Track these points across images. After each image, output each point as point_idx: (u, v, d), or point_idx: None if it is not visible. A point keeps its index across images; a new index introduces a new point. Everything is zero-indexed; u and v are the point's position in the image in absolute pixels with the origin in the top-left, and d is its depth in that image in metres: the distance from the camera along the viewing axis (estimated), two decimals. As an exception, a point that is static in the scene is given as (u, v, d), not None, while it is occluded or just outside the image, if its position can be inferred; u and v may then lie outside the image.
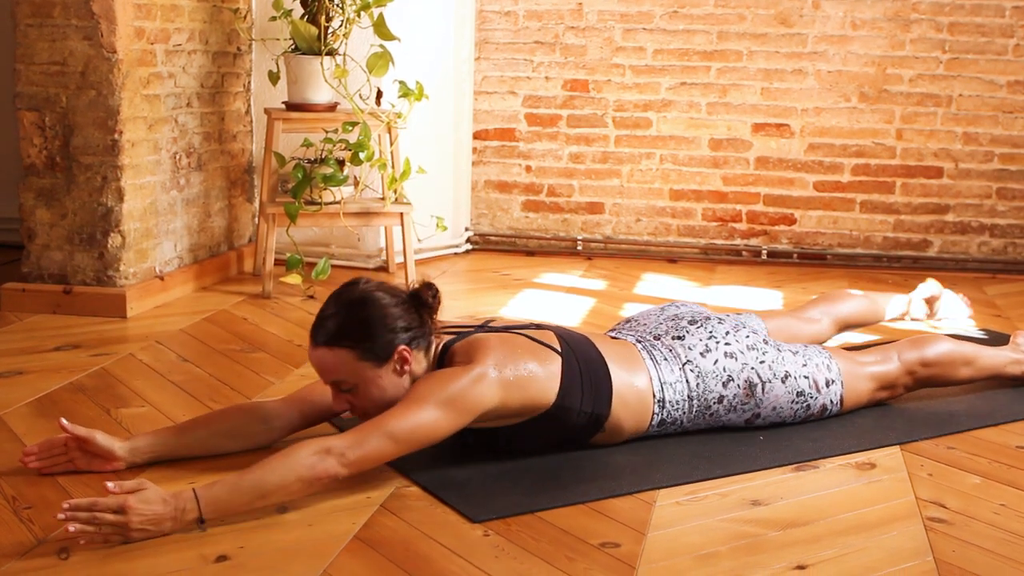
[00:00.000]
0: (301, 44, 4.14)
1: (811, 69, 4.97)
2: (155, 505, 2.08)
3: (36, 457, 2.39)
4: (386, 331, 2.36)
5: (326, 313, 2.39)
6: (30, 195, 3.75)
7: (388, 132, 4.28)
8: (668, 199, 5.14)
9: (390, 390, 2.38)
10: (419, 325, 2.42)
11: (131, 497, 2.06)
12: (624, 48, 5.06)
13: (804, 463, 2.57)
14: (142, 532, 2.07)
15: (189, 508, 2.11)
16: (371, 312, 2.37)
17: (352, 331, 2.35)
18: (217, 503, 2.13)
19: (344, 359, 2.34)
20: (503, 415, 2.40)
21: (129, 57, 3.69)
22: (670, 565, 2.05)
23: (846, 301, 3.37)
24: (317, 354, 2.37)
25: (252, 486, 2.15)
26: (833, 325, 3.24)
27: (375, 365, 2.36)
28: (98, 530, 2.04)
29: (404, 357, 2.38)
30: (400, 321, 2.38)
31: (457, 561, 2.05)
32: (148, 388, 3.00)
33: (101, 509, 2.04)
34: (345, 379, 2.36)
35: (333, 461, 2.20)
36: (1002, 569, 2.07)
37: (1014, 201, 4.95)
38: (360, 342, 2.34)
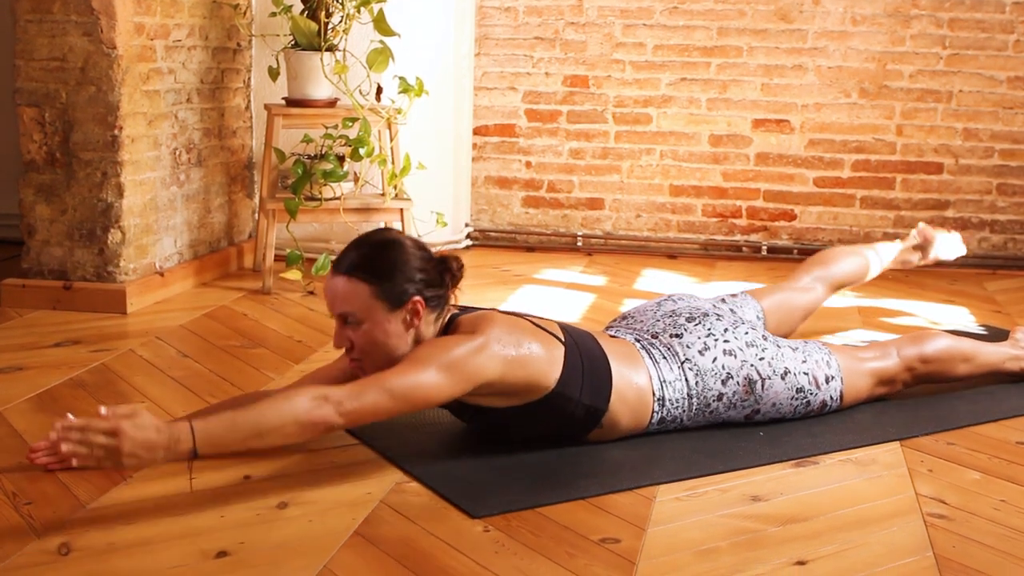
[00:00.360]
0: (301, 40, 4.14)
1: (811, 65, 4.96)
2: (148, 432, 2.06)
3: (44, 453, 2.38)
4: (406, 277, 2.38)
5: (353, 245, 2.43)
6: (30, 191, 3.75)
7: (388, 128, 4.28)
8: (668, 195, 5.14)
9: (393, 339, 2.38)
10: (438, 286, 2.44)
11: (124, 422, 2.04)
12: (624, 44, 5.05)
13: (804, 459, 2.57)
14: (133, 458, 2.05)
15: (184, 439, 2.10)
16: (397, 255, 2.40)
17: (374, 267, 2.37)
18: (212, 437, 2.13)
19: (360, 292, 2.36)
20: (502, 391, 2.40)
21: (129, 53, 3.69)
22: (670, 560, 2.05)
23: (837, 262, 3.32)
24: (335, 282, 2.39)
25: (249, 424, 2.16)
26: (828, 289, 3.23)
27: (387, 308, 2.37)
28: (90, 452, 2.03)
29: (416, 309, 2.39)
30: (422, 274, 2.41)
31: (457, 557, 2.05)
32: (148, 384, 3.01)
33: (93, 431, 2.03)
34: (354, 313, 2.37)
35: (330, 409, 2.21)
36: (1002, 565, 2.07)
37: (1014, 197, 4.95)
38: (379, 279, 2.36)
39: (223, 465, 2.42)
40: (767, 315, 3.10)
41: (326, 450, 2.55)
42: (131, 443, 2.04)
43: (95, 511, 2.19)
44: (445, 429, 2.70)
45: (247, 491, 2.31)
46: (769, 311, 3.08)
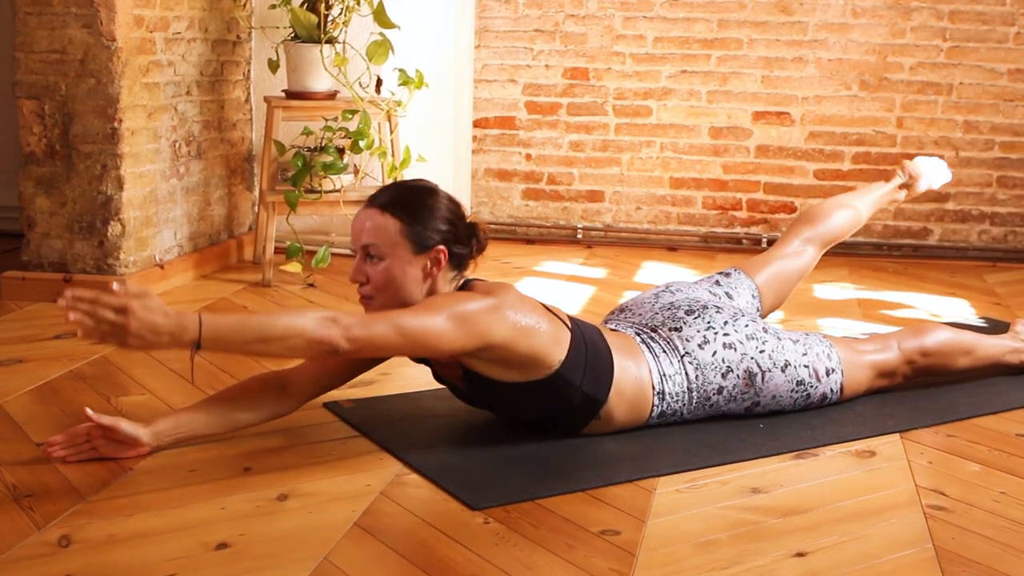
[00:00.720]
0: (301, 32, 4.13)
1: (812, 57, 4.96)
2: (157, 315, 2.07)
3: (60, 446, 2.39)
4: (436, 225, 2.42)
5: (391, 186, 2.51)
6: (30, 183, 3.74)
7: (388, 120, 4.28)
8: (668, 187, 5.14)
9: (410, 282, 2.41)
10: (464, 245, 2.48)
11: (134, 301, 2.06)
12: (624, 36, 5.05)
13: (804, 451, 2.57)
14: (138, 339, 2.06)
15: (190, 328, 2.11)
16: (433, 202, 2.45)
17: (409, 207, 2.41)
18: (218, 332, 2.14)
19: (389, 227, 2.39)
20: (506, 360, 2.39)
21: (128, 45, 3.69)
22: (670, 552, 2.05)
23: (828, 218, 3.24)
24: (366, 213, 2.42)
25: (257, 327, 2.18)
26: (819, 248, 3.19)
27: (412, 249, 2.40)
28: (96, 326, 2.05)
29: (439, 258, 2.42)
30: (451, 228, 2.45)
31: (457, 548, 2.05)
32: (148, 376, 3.01)
33: (103, 305, 2.05)
34: (380, 246, 2.39)
35: (338, 331, 2.21)
36: (1002, 556, 2.07)
37: (1014, 189, 4.95)
38: (410, 219, 2.40)
39: (223, 457, 2.43)
40: (763, 290, 3.06)
41: (326, 442, 2.55)
42: (138, 323, 2.05)
43: (95, 503, 2.19)
44: (445, 421, 2.70)
45: (247, 483, 2.31)
46: (764, 287, 3.05)
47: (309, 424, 2.66)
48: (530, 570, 1.97)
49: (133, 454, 2.39)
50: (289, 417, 2.61)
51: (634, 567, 1.99)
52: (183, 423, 2.45)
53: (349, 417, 2.70)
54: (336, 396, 2.83)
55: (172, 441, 2.44)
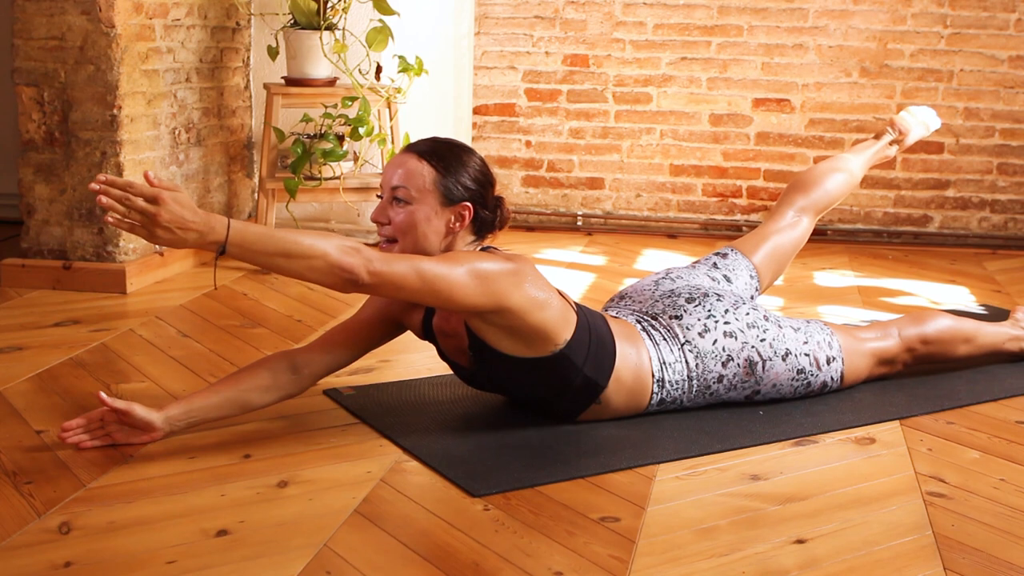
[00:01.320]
0: (300, 19, 4.13)
1: (812, 44, 4.95)
2: (186, 211, 2.10)
3: (74, 432, 2.39)
4: (468, 182, 2.46)
5: (430, 138, 2.53)
6: (29, 170, 3.74)
7: (388, 107, 4.27)
8: (668, 174, 5.13)
9: (432, 233, 2.43)
10: (490, 211, 2.50)
11: (165, 192, 2.08)
12: (624, 23, 5.04)
13: (804, 438, 2.58)
14: (166, 232, 2.08)
15: (218, 229, 2.13)
16: (469, 159, 2.49)
17: (445, 159, 2.45)
18: (244, 238, 2.15)
19: (424, 174, 2.42)
20: (516, 329, 2.39)
21: (127, 32, 3.68)
22: (670, 539, 2.06)
23: (818, 185, 3.20)
24: (402, 157, 2.46)
25: (282, 239, 2.19)
26: (814, 216, 3.16)
27: (440, 200, 2.42)
28: (127, 213, 2.06)
29: (463, 215, 2.44)
30: (481, 188, 2.48)
31: (457, 535, 2.05)
32: (148, 363, 3.01)
33: (135, 192, 2.06)
34: (409, 190, 2.41)
35: (360, 261, 2.22)
36: (1001, 543, 2.07)
37: (1015, 176, 4.95)
38: (445, 170, 2.43)
39: (223, 444, 2.43)
40: (760, 269, 3.04)
41: (326, 429, 2.55)
42: (169, 214, 2.07)
43: (96, 490, 2.19)
44: (445, 408, 2.70)
45: (247, 470, 2.31)
46: (761, 265, 3.03)
47: (309, 411, 2.66)
48: (530, 557, 1.97)
49: (147, 439, 2.40)
50: (289, 404, 2.62)
51: (634, 554, 2.00)
52: (195, 407, 2.45)
53: (349, 404, 2.70)
54: (336, 383, 2.84)
55: (185, 426, 2.44)
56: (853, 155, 3.38)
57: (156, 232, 2.08)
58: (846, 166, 3.30)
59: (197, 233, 2.11)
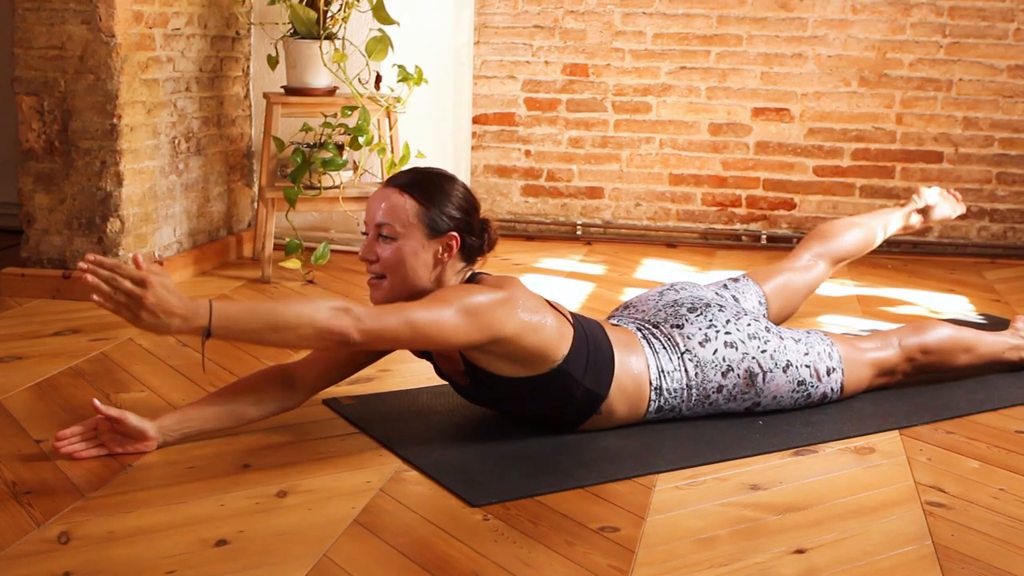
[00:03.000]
0: (300, 28, 4.13)
1: (811, 53, 4.96)
2: (172, 296, 2.09)
3: (69, 441, 2.39)
4: (452, 212, 2.43)
5: (410, 169, 2.51)
6: (29, 180, 3.74)
7: (387, 116, 4.27)
8: (667, 184, 5.14)
9: (421, 266, 2.41)
10: (476, 237, 2.48)
11: (153, 277, 2.08)
12: (624, 32, 5.05)
13: (803, 447, 2.57)
14: (151, 316, 2.07)
15: (201, 314, 2.12)
16: (450, 188, 2.46)
17: (426, 190, 2.42)
18: (228, 319, 2.14)
19: (406, 207, 2.40)
20: (511, 354, 2.39)
21: (127, 41, 3.68)
22: (669, 549, 2.06)
23: (840, 236, 3.27)
24: (384, 192, 2.43)
25: (267, 314, 2.17)
26: (830, 264, 3.19)
27: (425, 233, 2.40)
28: (113, 293, 2.05)
29: (451, 244, 2.42)
30: (466, 216, 2.46)
31: (456, 545, 2.05)
32: (147, 373, 3.01)
33: (122, 274, 2.06)
34: (393, 226, 2.40)
35: (350, 321, 2.21)
36: (1001, 553, 2.07)
37: (1014, 186, 4.95)
38: (428, 202, 2.41)
39: (223, 453, 2.43)
40: (769, 299, 3.08)
41: (326, 439, 2.55)
42: (155, 297, 2.07)
43: (95, 500, 2.19)
44: (445, 418, 2.70)
45: (246, 480, 2.31)
46: (771, 295, 3.07)
47: (309, 421, 2.66)
48: (529, 567, 1.97)
49: (141, 448, 2.39)
50: (289, 413, 2.62)
51: (633, 564, 2.00)
52: (189, 418, 2.45)
53: (349, 414, 2.70)
54: (336, 393, 2.83)
55: (179, 437, 2.44)
56: (875, 215, 3.48)
57: (141, 315, 2.07)
58: (866, 223, 3.39)
59: (181, 319, 2.10)
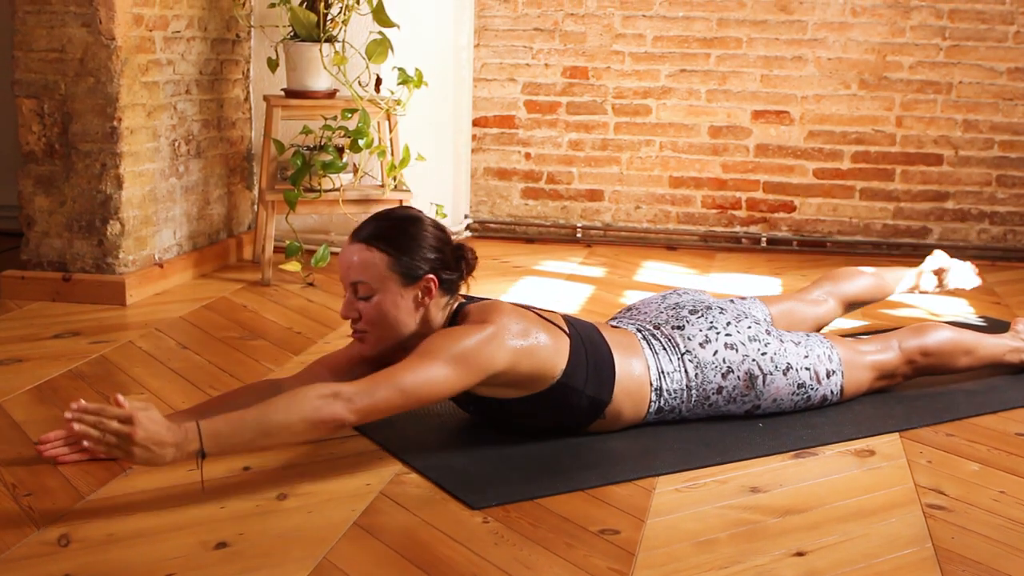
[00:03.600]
0: (300, 31, 4.13)
1: (811, 56, 4.96)
2: (160, 427, 2.06)
3: (53, 445, 2.38)
4: (424, 254, 2.39)
5: (376, 216, 2.44)
6: (29, 182, 3.74)
7: (387, 119, 4.27)
8: (667, 186, 5.14)
9: (403, 315, 2.39)
10: (453, 270, 2.45)
11: (139, 412, 2.05)
12: (623, 35, 5.05)
13: (803, 450, 2.57)
14: (144, 451, 2.04)
15: (191, 439, 2.09)
16: (417, 231, 2.41)
17: (394, 239, 2.38)
18: (219, 437, 2.11)
19: (375, 261, 2.37)
20: (510, 382, 2.40)
21: (128, 44, 3.68)
22: (669, 552, 2.05)
23: (852, 280, 3.29)
24: (352, 249, 2.39)
25: (255, 424, 2.14)
26: (839, 305, 3.19)
27: (401, 282, 2.38)
28: (101, 437, 2.03)
29: (429, 287, 2.40)
30: (438, 254, 2.42)
31: (456, 548, 2.05)
32: (147, 375, 3.00)
33: (108, 416, 2.04)
34: (367, 283, 2.37)
35: (340, 406, 2.19)
36: (1001, 556, 2.07)
37: (1014, 188, 4.95)
38: (397, 251, 2.37)
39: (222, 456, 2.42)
40: (775, 319, 3.07)
41: (326, 442, 2.55)
42: (144, 433, 2.04)
43: (95, 502, 2.19)
44: (445, 420, 2.70)
45: (247, 482, 2.31)
46: (777, 317, 3.04)
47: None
48: (529, 569, 1.97)
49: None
50: (288, 416, 2.61)
51: (633, 566, 1.99)
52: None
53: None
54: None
55: None
56: (891, 269, 3.48)
57: (134, 451, 2.04)
58: (879, 273, 3.39)
59: (174, 447, 2.07)
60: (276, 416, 2.15)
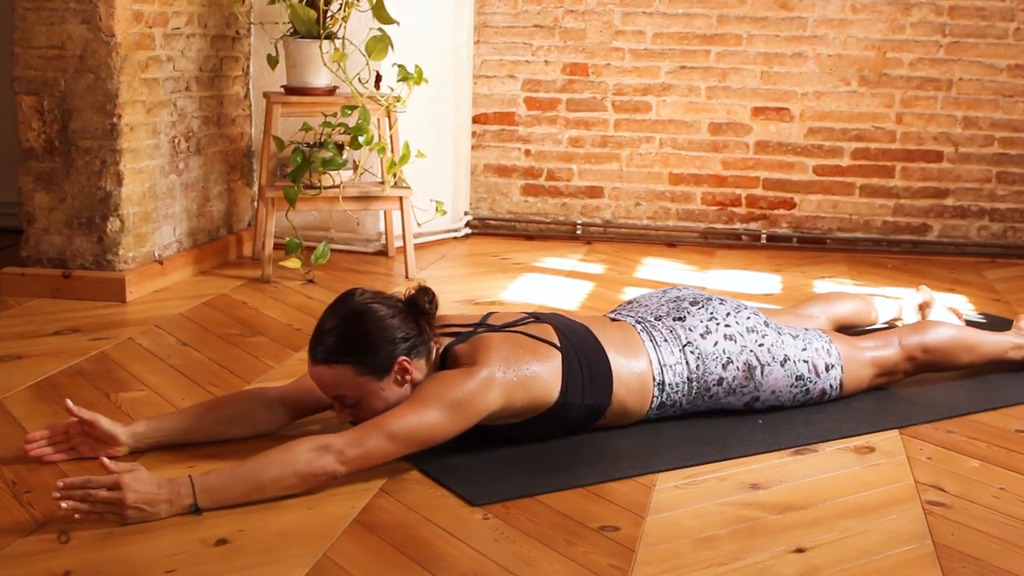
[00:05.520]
0: (300, 27, 4.13)
1: (811, 53, 4.96)
2: (149, 486, 2.07)
3: (39, 444, 2.38)
4: (385, 344, 2.34)
5: (323, 329, 2.37)
6: (29, 179, 3.74)
7: (387, 116, 4.27)
8: (667, 183, 5.13)
9: (393, 401, 2.36)
10: (417, 334, 2.40)
11: (125, 475, 2.06)
12: (623, 32, 5.05)
13: (803, 447, 2.57)
14: (137, 512, 2.06)
15: (184, 493, 2.11)
16: (369, 326, 2.35)
17: (351, 346, 2.33)
18: (212, 492, 2.13)
19: (344, 375, 2.33)
20: (506, 415, 2.41)
21: (127, 41, 3.68)
22: (669, 548, 2.06)
23: (843, 302, 3.32)
24: (317, 371, 2.36)
25: (248, 478, 2.15)
26: (829, 324, 3.21)
27: (376, 379, 2.34)
28: (92, 507, 2.04)
29: (404, 368, 2.36)
30: (398, 332, 2.36)
31: (456, 544, 2.05)
32: (147, 372, 3.00)
33: (95, 486, 2.04)
34: (347, 394, 2.35)
35: (332, 458, 2.19)
36: (1001, 552, 2.07)
37: (1014, 185, 4.95)
38: (359, 357, 2.33)
39: (223, 453, 2.43)
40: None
41: (325, 438, 2.55)
42: (134, 495, 2.05)
43: (94, 499, 2.18)
44: (444, 417, 2.69)
45: (246, 479, 2.30)
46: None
47: (309, 420, 2.65)
48: (529, 566, 1.97)
49: (111, 453, 2.37)
50: (288, 413, 2.61)
51: (633, 563, 2.00)
52: (164, 429, 2.44)
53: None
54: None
55: (150, 444, 2.42)
56: (879, 298, 3.48)
57: (127, 515, 2.06)
58: (866, 298, 3.41)
59: (167, 503, 2.09)
60: (269, 471, 2.16)
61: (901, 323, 3.52)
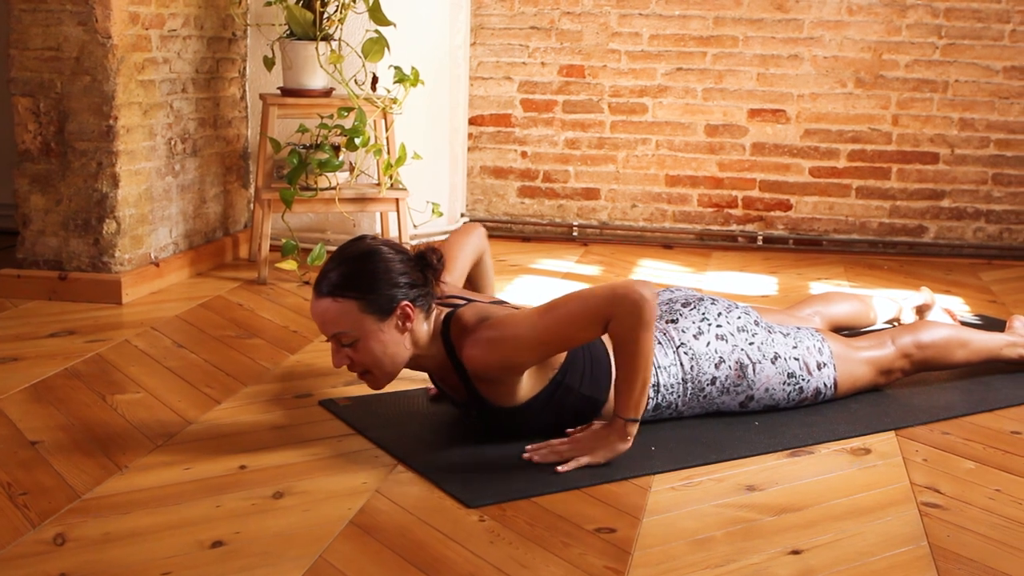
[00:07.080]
0: (296, 29, 4.13)
1: (807, 55, 4.96)
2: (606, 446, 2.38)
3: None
4: (390, 284, 2.38)
5: (330, 266, 2.41)
6: (25, 181, 3.74)
7: (383, 118, 4.27)
8: (664, 185, 5.14)
9: (391, 346, 2.38)
10: (423, 284, 2.43)
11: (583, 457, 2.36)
12: (620, 33, 5.05)
13: (799, 448, 2.58)
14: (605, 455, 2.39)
15: (629, 427, 2.37)
16: (376, 265, 2.39)
17: (356, 282, 2.36)
18: (635, 406, 2.36)
19: (347, 310, 2.35)
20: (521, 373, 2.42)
21: (124, 42, 3.68)
22: (665, 550, 2.06)
23: (839, 303, 3.32)
24: (321, 305, 2.38)
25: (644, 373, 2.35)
26: (825, 324, 3.22)
27: (378, 319, 2.37)
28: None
29: (407, 313, 2.38)
30: (404, 277, 2.40)
31: (452, 546, 2.05)
32: (143, 374, 3.00)
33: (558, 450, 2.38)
34: (347, 331, 2.37)
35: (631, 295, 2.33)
36: (996, 554, 2.07)
37: (1010, 187, 4.96)
38: (364, 293, 2.36)
39: (218, 455, 2.43)
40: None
41: (322, 440, 2.55)
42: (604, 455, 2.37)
43: (90, 501, 2.19)
44: (440, 419, 2.70)
45: (242, 481, 2.31)
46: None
47: (304, 422, 2.66)
48: (525, 568, 1.97)
49: None
50: (284, 414, 2.62)
51: (629, 565, 2.00)
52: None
53: (344, 415, 2.70)
54: (332, 394, 2.83)
55: None
56: (877, 298, 3.48)
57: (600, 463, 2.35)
58: (864, 299, 3.41)
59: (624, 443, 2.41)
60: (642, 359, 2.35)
61: (898, 324, 3.53)
